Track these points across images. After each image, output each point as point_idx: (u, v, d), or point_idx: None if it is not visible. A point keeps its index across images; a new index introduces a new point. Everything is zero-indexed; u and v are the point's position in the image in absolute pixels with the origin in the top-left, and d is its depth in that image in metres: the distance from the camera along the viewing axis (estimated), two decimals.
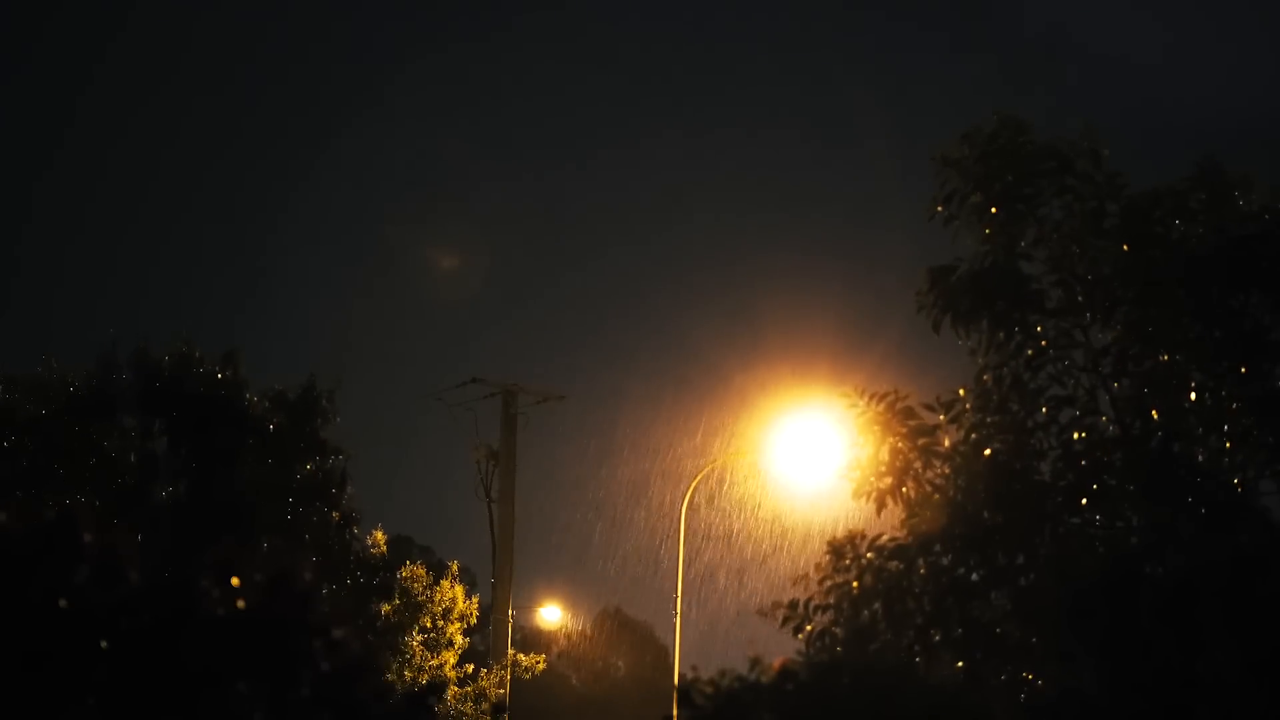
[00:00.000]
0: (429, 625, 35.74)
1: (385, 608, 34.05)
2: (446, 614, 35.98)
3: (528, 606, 52.51)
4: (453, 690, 35.60)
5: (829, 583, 15.45)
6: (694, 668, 10.76)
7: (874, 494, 15.86)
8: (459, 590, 36.41)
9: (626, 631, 74.14)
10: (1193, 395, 15.91)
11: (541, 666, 38.71)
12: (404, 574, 35.42)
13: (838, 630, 15.32)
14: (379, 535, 33.59)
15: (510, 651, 38.18)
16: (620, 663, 75.29)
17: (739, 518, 44.98)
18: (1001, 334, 15.99)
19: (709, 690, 10.30)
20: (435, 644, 35.73)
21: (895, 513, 15.92)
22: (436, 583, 36.13)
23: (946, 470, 15.72)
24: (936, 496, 15.63)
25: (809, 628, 15.45)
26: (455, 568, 37.04)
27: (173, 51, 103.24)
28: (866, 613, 15.30)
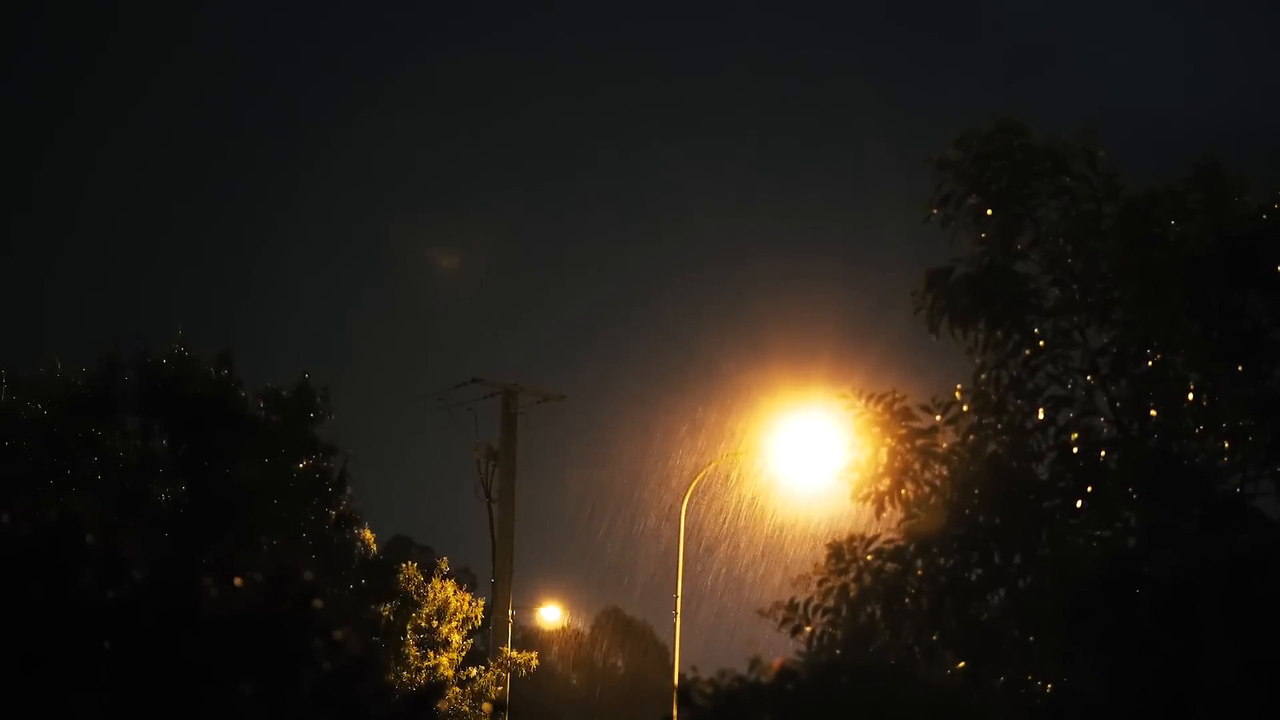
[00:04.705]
0: (423, 625, 35.67)
1: (385, 609, 34.02)
2: (440, 613, 35.89)
3: (528, 606, 52.59)
4: (453, 691, 35.57)
5: (827, 585, 15.46)
6: (694, 668, 10.77)
7: (873, 496, 15.88)
8: (450, 587, 36.27)
9: (626, 631, 74.19)
10: (1191, 396, 15.94)
11: (535, 663, 38.68)
12: (401, 574, 35.36)
13: (836, 632, 15.34)
14: (367, 534, 33.57)
15: (504, 649, 38.17)
16: (620, 663, 75.32)
17: (739, 518, 45.04)
18: (999, 334, 16.01)
19: (709, 690, 10.32)
20: (430, 643, 35.64)
21: (895, 514, 15.94)
22: (428, 581, 36.01)
23: (944, 471, 15.74)
24: (934, 498, 15.64)
25: (808, 629, 15.46)
26: (444, 564, 36.79)
27: (170, 50, 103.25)
28: (865, 614, 15.32)
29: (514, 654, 38.09)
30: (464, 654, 36.53)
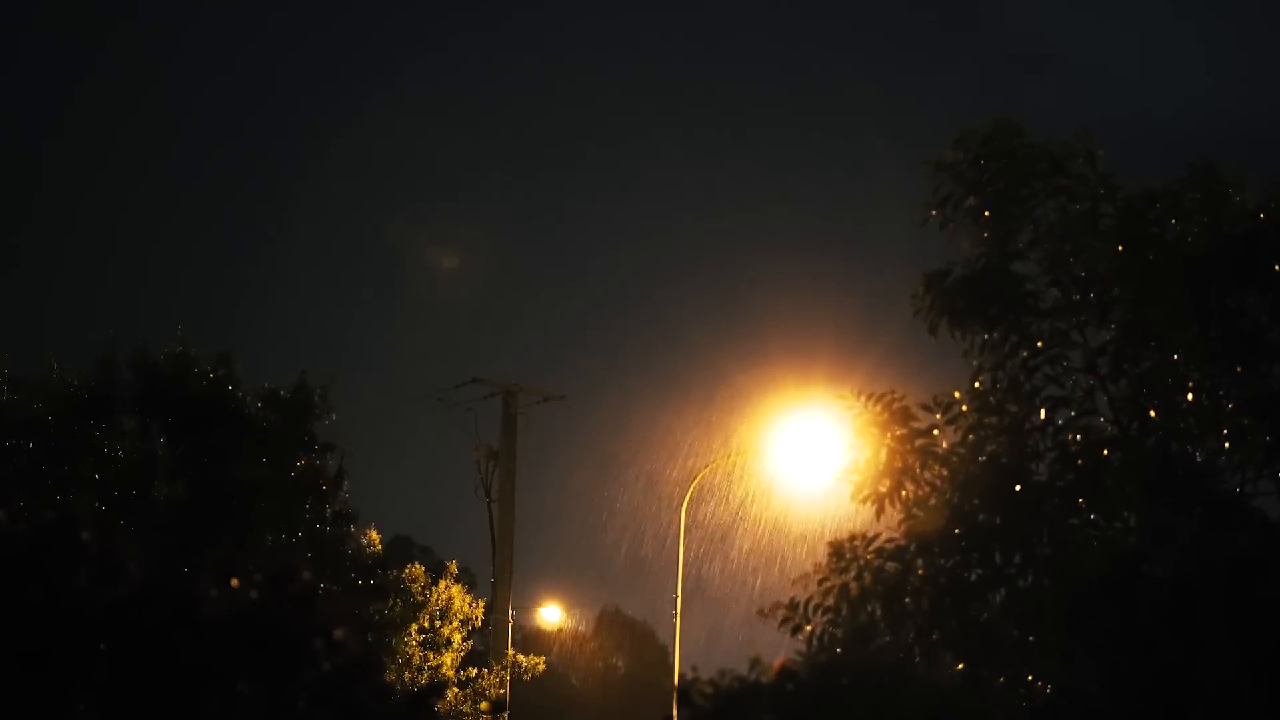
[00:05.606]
0: (427, 625, 35.66)
1: (389, 606, 33.99)
2: (444, 614, 35.88)
3: (528, 606, 52.51)
4: (454, 691, 35.55)
5: (827, 584, 15.46)
6: (694, 668, 10.77)
7: (873, 497, 15.87)
8: (455, 589, 36.28)
9: (626, 631, 74.15)
10: (1190, 395, 15.93)
11: (541, 668, 38.66)
12: (403, 573, 35.32)
13: (837, 631, 15.33)
14: (373, 535, 33.56)
15: (510, 652, 38.15)
16: (620, 663, 75.29)
17: (739, 518, 45.03)
18: (997, 335, 16.01)
19: (709, 690, 10.32)
20: (433, 644, 35.63)
21: (895, 514, 15.93)
22: (435, 583, 36.03)
23: (944, 471, 15.72)
24: (934, 498, 15.63)
25: (808, 628, 15.46)
26: (454, 567, 36.85)
27: (170, 49, 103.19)
28: (865, 613, 15.32)
29: (520, 657, 38.05)
30: (464, 654, 36.51)
